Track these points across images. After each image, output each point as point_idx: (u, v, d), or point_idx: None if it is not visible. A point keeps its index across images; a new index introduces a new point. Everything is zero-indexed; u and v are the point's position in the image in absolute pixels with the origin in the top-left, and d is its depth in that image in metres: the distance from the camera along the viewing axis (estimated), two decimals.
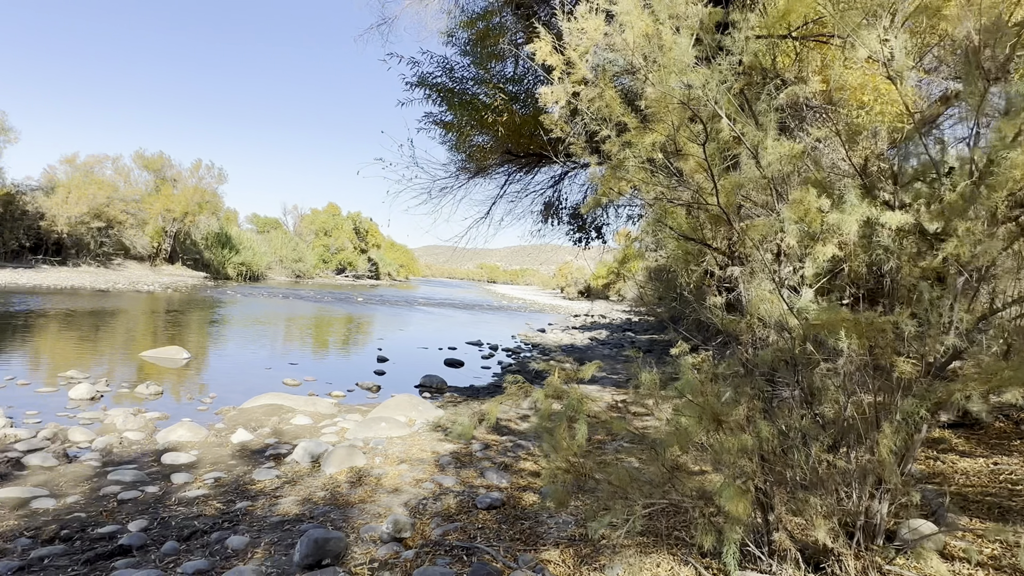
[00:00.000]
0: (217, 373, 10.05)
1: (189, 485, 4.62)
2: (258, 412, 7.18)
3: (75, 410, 6.97)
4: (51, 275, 30.18)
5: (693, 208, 2.11)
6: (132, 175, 43.86)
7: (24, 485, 4.44)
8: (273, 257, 59.96)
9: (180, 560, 3.11)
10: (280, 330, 17.58)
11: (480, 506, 3.82)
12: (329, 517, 3.72)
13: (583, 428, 1.89)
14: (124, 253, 40.78)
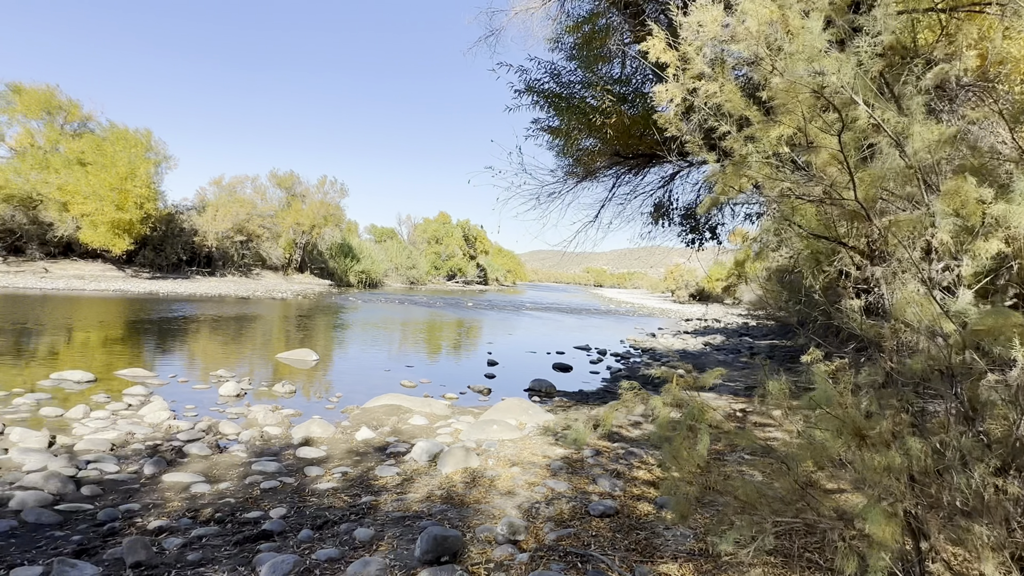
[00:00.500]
0: (342, 374, 10.77)
1: (320, 478, 4.98)
2: (379, 412, 7.60)
3: (224, 405, 7.77)
4: (203, 285, 33.95)
5: (825, 204, 1.94)
6: (267, 192, 48.37)
7: (186, 471, 5.01)
8: (389, 265, 63.38)
9: (314, 547, 3.35)
10: (397, 334, 18.51)
11: (593, 513, 3.77)
12: (446, 516, 3.84)
13: (705, 439, 1.81)
14: (261, 264, 45.00)
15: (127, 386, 8.32)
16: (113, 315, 17.50)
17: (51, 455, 5.19)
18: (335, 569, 3.05)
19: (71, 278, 29.88)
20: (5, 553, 3.38)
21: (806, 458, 1.74)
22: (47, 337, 12.55)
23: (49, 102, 33.78)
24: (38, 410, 6.84)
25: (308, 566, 3.04)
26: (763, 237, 2.56)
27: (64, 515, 3.98)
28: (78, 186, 30.95)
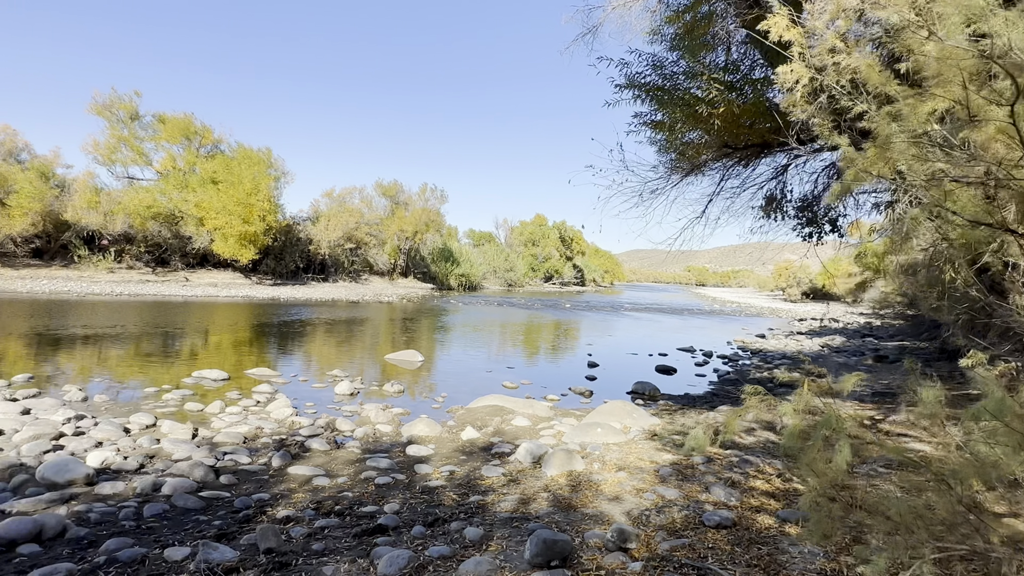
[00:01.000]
0: (446, 375, 11.08)
1: (429, 476, 5.12)
2: (483, 412, 7.72)
3: (340, 403, 8.23)
4: (318, 290, 36.37)
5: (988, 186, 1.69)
6: (373, 202, 51.00)
7: (308, 465, 5.34)
8: (488, 268, 64.65)
9: (427, 544, 3.44)
10: (496, 335, 18.81)
11: (708, 524, 3.58)
12: (553, 519, 3.80)
13: (846, 450, 1.64)
14: (369, 269, 47.52)
15: (255, 384, 9.04)
16: (242, 319, 19.15)
17: (195, 446, 5.73)
18: (447, 567, 3.10)
19: (206, 286, 33.11)
20: (160, 534, 3.75)
21: (971, 476, 1.53)
22: (189, 339, 13.95)
23: (187, 128, 37.70)
24: (183, 405, 7.60)
25: (422, 562, 3.12)
26: (904, 226, 2.29)
27: (206, 501, 4.37)
28: (211, 203, 34.26)
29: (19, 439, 5.62)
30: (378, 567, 3.07)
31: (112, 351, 11.69)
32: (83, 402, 7.52)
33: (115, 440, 5.83)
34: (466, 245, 70.22)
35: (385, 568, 3.02)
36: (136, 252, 35.17)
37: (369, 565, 3.16)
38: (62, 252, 33.52)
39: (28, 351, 11.23)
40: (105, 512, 4.05)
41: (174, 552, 3.33)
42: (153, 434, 6.15)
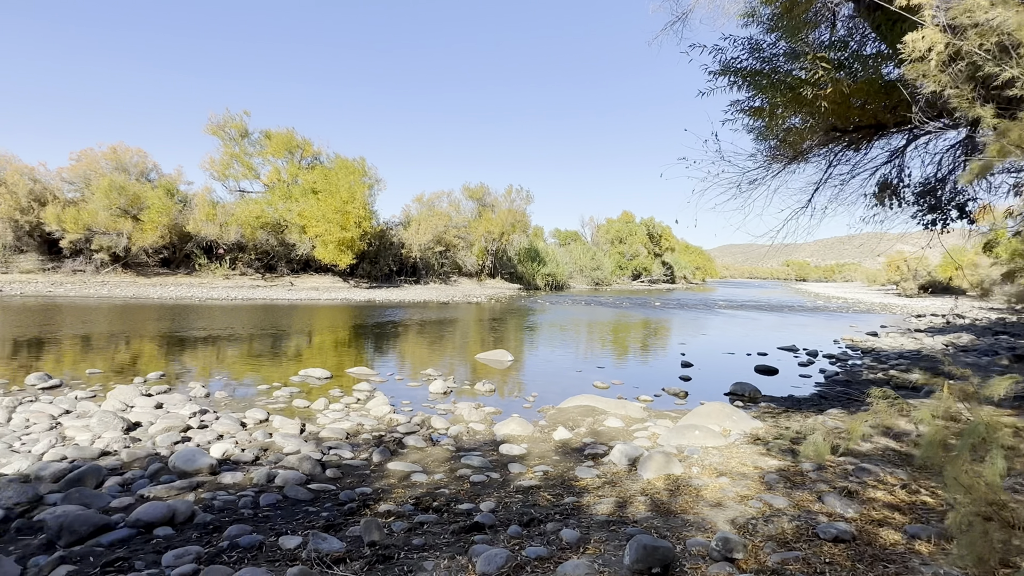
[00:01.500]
0: (536, 374, 11.10)
1: (523, 475, 5.12)
2: (574, 412, 7.65)
3: (434, 402, 8.45)
4: (410, 292, 37.71)
5: None
6: (460, 205, 52.21)
7: (406, 461, 5.51)
8: (574, 267, 64.31)
9: (523, 544, 3.43)
10: (585, 334, 18.63)
11: (824, 536, 3.32)
12: (652, 524, 3.68)
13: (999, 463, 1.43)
14: (458, 271, 48.68)
15: (355, 383, 9.48)
16: (341, 320, 20.20)
17: (303, 440, 6.08)
18: (545, 568, 3.07)
19: (309, 289, 35.23)
20: (274, 522, 4.00)
21: None
22: (294, 340, 14.88)
23: (290, 143, 40.34)
24: (291, 401, 8.10)
25: (519, 562, 3.11)
26: None
27: (315, 493, 4.61)
28: (312, 211, 36.44)
29: (154, 431, 6.20)
30: (476, 565, 3.09)
31: (228, 351, 12.68)
32: (205, 398, 8.20)
33: (233, 433, 6.30)
34: (552, 245, 70.21)
35: (483, 567, 3.04)
36: (247, 259, 38.05)
37: (467, 563, 3.19)
38: (186, 261, 36.88)
39: (159, 351, 12.42)
40: (227, 500, 4.37)
41: (287, 540, 3.52)
42: (266, 428, 6.60)
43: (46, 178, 34.93)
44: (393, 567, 3.15)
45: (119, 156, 36.79)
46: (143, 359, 11.32)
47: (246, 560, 3.31)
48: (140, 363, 10.83)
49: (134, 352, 12.11)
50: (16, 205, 32.17)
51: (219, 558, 3.32)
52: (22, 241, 32.97)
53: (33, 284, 29.42)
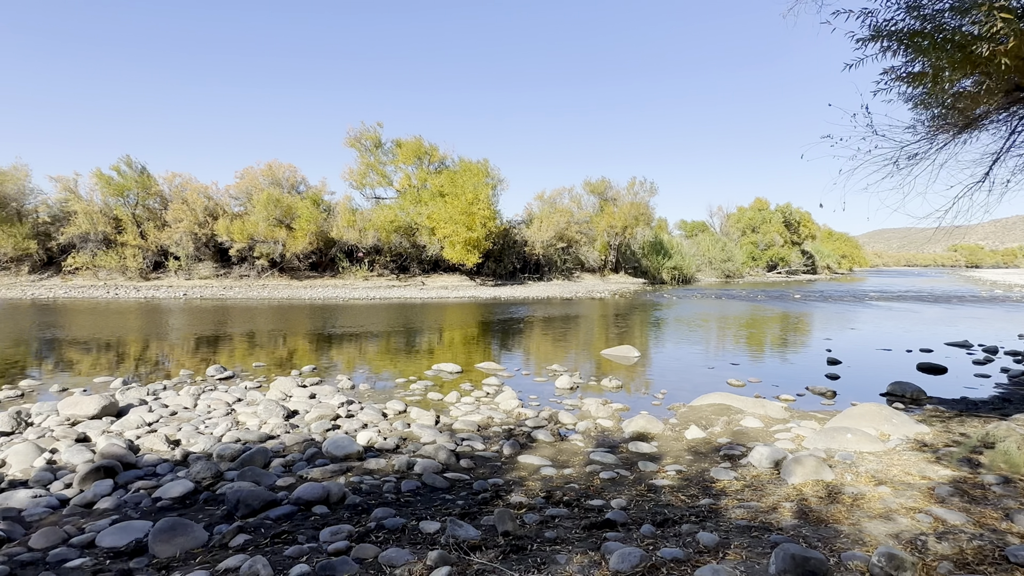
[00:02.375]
0: (664, 371, 10.76)
1: (655, 474, 4.99)
2: (707, 411, 7.31)
3: (560, 397, 8.49)
4: (533, 289, 38.24)
5: None
6: (582, 200, 51.91)
7: (536, 455, 5.59)
8: (702, 259, 61.47)
9: (657, 544, 3.34)
10: (716, 330, 17.75)
11: (1015, 561, 2.88)
12: (800, 533, 3.41)
13: None
14: (580, 267, 48.52)
15: (484, 377, 9.79)
16: (469, 317, 20.97)
17: (438, 431, 6.39)
18: (681, 571, 2.96)
19: (439, 288, 36.98)
20: (415, 507, 4.24)
21: None
22: (427, 336, 15.70)
23: (418, 149, 42.58)
24: (426, 394, 8.54)
25: (655, 563, 3.02)
26: None
27: (450, 482, 4.83)
28: (440, 214, 38.20)
29: (309, 418, 6.84)
30: (609, 562, 3.05)
31: (368, 346, 13.66)
32: (351, 389, 8.89)
33: (376, 423, 6.77)
34: (678, 237, 67.64)
35: (617, 564, 3.00)
36: (383, 261, 40.78)
37: (600, 559, 3.16)
38: (331, 265, 40.32)
39: (310, 346, 13.69)
40: (372, 484, 4.71)
41: (427, 525, 3.72)
42: (404, 419, 7.02)
43: (217, 195, 39.97)
44: (526, 558, 3.21)
45: (274, 172, 41.07)
46: (297, 353, 12.54)
47: (391, 541, 3.54)
48: (295, 357, 12.01)
49: (290, 347, 13.45)
50: (195, 220, 37.14)
51: (368, 537, 3.58)
52: (200, 251, 37.97)
53: (209, 288, 33.75)
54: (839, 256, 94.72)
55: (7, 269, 35.51)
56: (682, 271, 54.23)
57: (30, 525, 4.01)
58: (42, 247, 35.94)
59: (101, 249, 35.91)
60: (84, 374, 10.04)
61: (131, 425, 6.35)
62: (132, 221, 37.01)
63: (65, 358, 11.75)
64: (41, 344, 13.49)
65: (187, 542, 3.53)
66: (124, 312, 21.69)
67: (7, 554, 3.45)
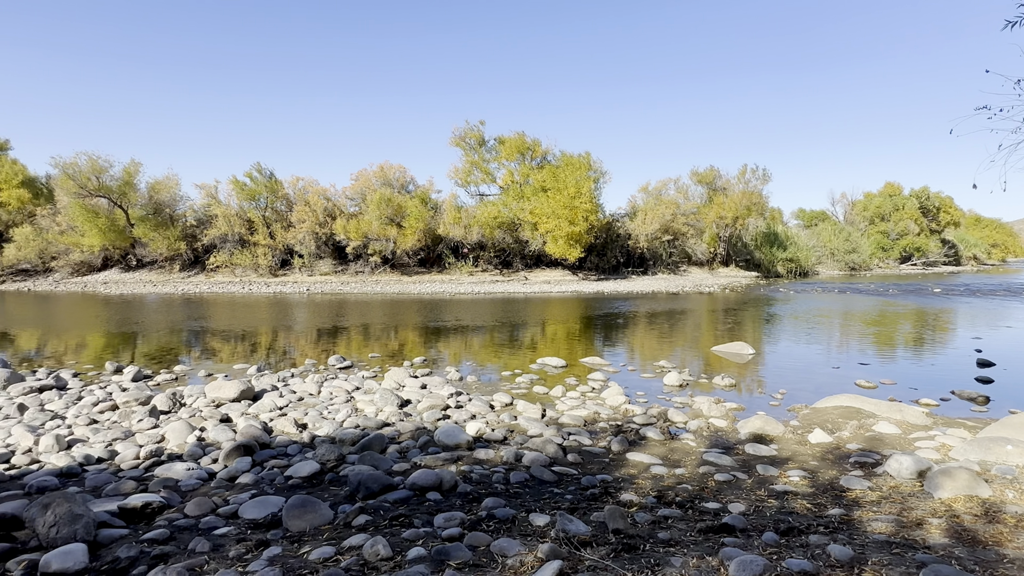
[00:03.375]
0: (781, 369, 10.09)
1: (775, 479, 4.68)
2: (833, 413, 6.76)
3: (669, 394, 8.22)
4: (638, 283, 37.39)
5: None
6: (688, 191, 49.96)
7: (645, 453, 5.44)
8: (822, 250, 57.06)
9: (782, 554, 3.12)
10: (840, 326, 16.39)
11: None
12: (952, 553, 3.05)
13: None
14: (687, 260, 46.75)
15: (589, 372, 9.69)
16: (572, 312, 20.88)
17: (544, 425, 6.40)
18: None
19: (541, 283, 37.17)
20: (523, 499, 4.27)
21: None
22: (530, 330, 15.82)
23: (521, 145, 42.97)
24: (531, 388, 8.60)
25: (780, 573, 2.83)
26: None
27: (558, 476, 4.82)
28: (542, 208, 38.35)
29: (421, 408, 7.12)
30: (729, 569, 2.89)
31: (474, 339, 14.00)
32: (459, 381, 9.15)
33: (484, 414, 6.91)
34: (795, 227, 63.25)
35: (737, 571, 2.83)
36: (487, 257, 41.65)
37: (718, 564, 3.00)
38: (438, 261, 41.82)
39: (419, 339, 14.26)
40: (482, 474, 4.81)
41: (537, 518, 3.73)
42: (511, 411, 7.11)
43: (335, 196, 42.78)
44: (639, 558, 3.12)
45: (385, 173, 43.24)
46: (408, 345, 13.11)
47: (502, 531, 3.58)
48: (406, 349, 12.57)
49: (401, 340, 14.10)
50: (316, 220, 40.00)
51: (479, 526, 3.65)
52: (320, 249, 40.84)
53: (328, 284, 36.23)
54: (988, 245, 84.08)
55: (162, 268, 40.26)
56: (799, 263, 50.65)
57: (185, 494, 4.49)
58: (189, 247, 40.35)
59: (237, 249, 39.68)
60: (225, 361, 11.13)
61: (264, 408, 6.94)
62: (262, 222, 40.52)
63: (209, 346, 13.09)
64: (190, 334, 15.13)
65: (315, 519, 3.78)
66: (256, 306, 23.81)
67: (167, 519, 3.88)
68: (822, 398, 7.46)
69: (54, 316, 20.20)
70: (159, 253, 39.69)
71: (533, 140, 43.32)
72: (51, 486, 4.53)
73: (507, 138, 43.31)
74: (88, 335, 14.96)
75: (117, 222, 39.29)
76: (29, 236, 38.89)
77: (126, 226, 39.66)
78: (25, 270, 39.59)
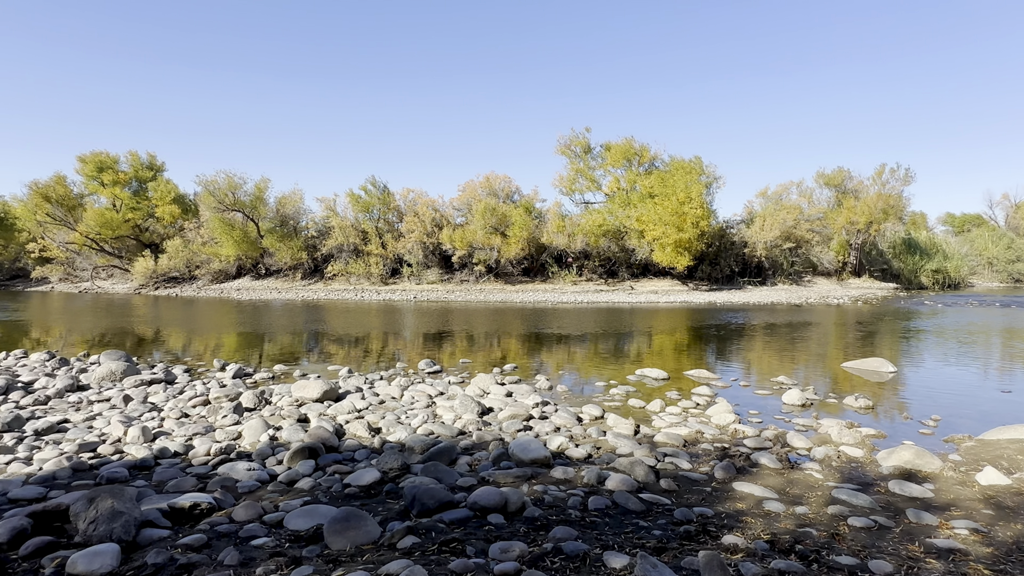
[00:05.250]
0: (932, 391, 8.47)
1: (935, 530, 3.62)
2: (1009, 448, 5.37)
3: (789, 414, 7.07)
4: (754, 294, 34.71)
5: None
6: (813, 195, 45.92)
7: (756, 483, 4.52)
8: (977, 259, 50.11)
9: None
10: (1005, 344, 13.84)
11: None
12: None
13: None
14: (812, 270, 42.86)
15: (694, 386, 8.69)
16: (680, 322, 19.54)
17: (636, 443, 5.62)
18: None
19: (648, 293, 35.62)
20: (601, 531, 3.57)
21: None
22: (634, 340, 14.86)
23: (628, 151, 41.73)
24: (627, 401, 7.80)
25: None
26: None
27: (646, 504, 4.06)
28: (649, 215, 36.83)
29: (502, 416, 6.59)
30: None
31: (571, 349, 13.31)
32: (549, 390, 8.53)
33: (570, 427, 6.25)
34: (942, 233, 56.19)
35: None
36: (592, 266, 40.71)
37: None
38: (541, 270, 41.51)
39: (515, 346, 13.82)
40: (556, 496, 4.16)
41: (613, 558, 3.04)
42: (600, 426, 6.38)
43: (442, 207, 43.91)
44: None
45: (491, 183, 43.75)
46: (502, 352, 12.69)
47: (568, 571, 2.93)
48: (500, 356, 12.15)
49: (496, 346, 13.73)
50: (424, 230, 41.23)
51: (541, 561, 3.02)
52: (428, 259, 42.02)
53: (435, 292, 37.08)
54: None
55: (286, 276, 43.36)
56: (948, 274, 44.72)
57: (240, 496, 4.26)
58: (310, 257, 43.14)
59: (352, 258, 41.83)
60: (322, 361, 11.32)
61: (343, 410, 6.74)
62: (375, 233, 42.45)
63: (315, 348, 13.49)
64: (300, 336, 15.79)
65: (358, 536, 3.34)
66: (365, 311, 24.69)
67: (210, 523, 3.62)
68: (991, 429, 6.02)
69: (192, 318, 22.13)
70: (284, 262, 42.77)
71: (641, 145, 41.92)
72: (120, 478, 4.49)
73: (614, 144, 42.24)
74: (214, 335, 16.08)
75: (249, 234, 42.90)
76: (178, 247, 43.50)
77: (256, 237, 43.19)
78: (175, 277, 44.31)
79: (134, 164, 48.43)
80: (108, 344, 13.90)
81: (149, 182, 48.09)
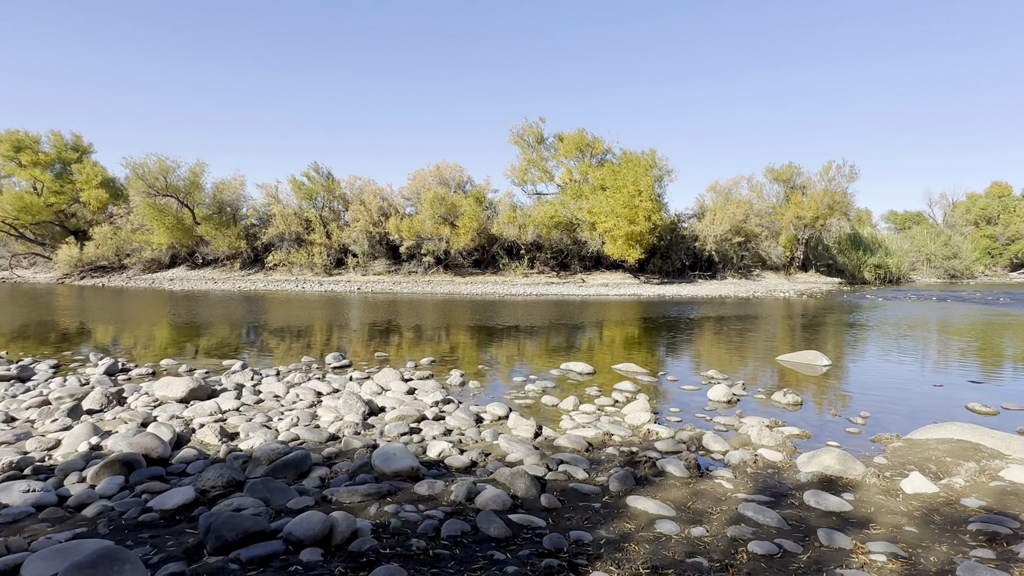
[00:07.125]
0: (864, 386, 8.07)
1: (849, 556, 2.98)
2: (937, 449, 4.87)
3: (712, 412, 6.49)
4: (704, 287, 34.79)
5: None
6: (763, 189, 46.42)
7: (654, 497, 3.82)
8: (917, 255, 51.75)
9: None
10: (941, 338, 13.79)
11: None
12: None
13: None
14: (761, 264, 43.36)
15: (619, 380, 8.05)
16: (626, 315, 19.07)
17: (532, 448, 4.90)
18: None
19: (599, 286, 35.27)
20: (442, 568, 2.81)
21: None
22: (572, 333, 14.22)
23: (580, 143, 41.22)
24: (541, 397, 7.08)
25: None
26: None
27: (513, 529, 3.31)
28: (600, 207, 36.44)
29: (389, 418, 5.78)
30: None
31: (504, 341, 12.56)
32: (460, 386, 7.76)
33: (463, 430, 5.49)
34: (885, 230, 57.94)
35: None
36: (543, 258, 40.13)
37: None
38: (492, 261, 40.69)
39: (444, 339, 12.98)
40: (407, 520, 3.38)
41: None
42: (499, 427, 5.65)
43: (391, 196, 42.53)
44: None
45: (441, 172, 42.61)
46: (426, 345, 11.84)
47: None
48: (423, 349, 11.29)
49: (424, 339, 12.87)
50: (370, 219, 39.82)
51: None
52: (375, 248, 40.65)
53: (380, 284, 35.85)
54: None
55: (224, 266, 41.27)
56: (889, 269, 45.98)
57: (8, 526, 3.34)
58: (250, 246, 41.14)
59: (294, 247, 40.08)
60: (226, 355, 10.22)
61: (203, 412, 5.79)
62: (319, 222, 40.78)
63: (229, 342, 12.33)
64: (224, 330, 14.55)
65: None
66: (305, 303, 23.39)
67: None
68: (921, 426, 5.55)
69: (113, 309, 20.44)
70: (221, 251, 40.68)
71: (593, 137, 41.46)
72: None
73: (567, 135, 41.67)
74: (129, 327, 14.68)
75: (183, 221, 40.60)
76: (107, 234, 40.84)
77: (192, 225, 40.93)
78: (103, 267, 41.61)
79: (57, 145, 45.14)
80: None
81: (74, 164, 44.88)
